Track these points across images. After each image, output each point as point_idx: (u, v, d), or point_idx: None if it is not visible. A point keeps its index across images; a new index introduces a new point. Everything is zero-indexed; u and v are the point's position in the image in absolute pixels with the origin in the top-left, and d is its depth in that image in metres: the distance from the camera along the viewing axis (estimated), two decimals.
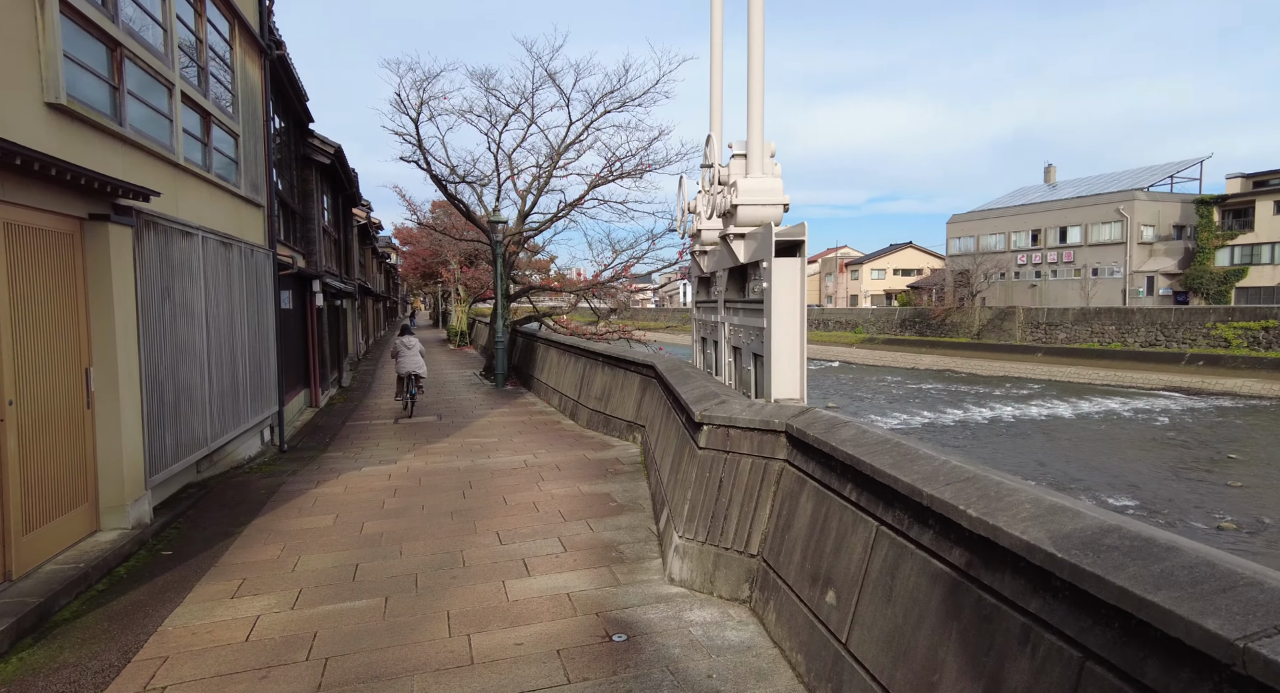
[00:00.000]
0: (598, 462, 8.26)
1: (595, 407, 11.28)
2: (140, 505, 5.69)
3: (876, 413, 26.23)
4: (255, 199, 9.70)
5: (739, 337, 6.35)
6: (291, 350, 13.13)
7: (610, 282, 22.53)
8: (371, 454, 9.57)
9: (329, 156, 15.25)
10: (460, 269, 35.99)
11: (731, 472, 4.46)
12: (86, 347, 5.32)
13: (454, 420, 12.71)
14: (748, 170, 5.66)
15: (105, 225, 5.35)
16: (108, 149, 5.59)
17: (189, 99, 7.34)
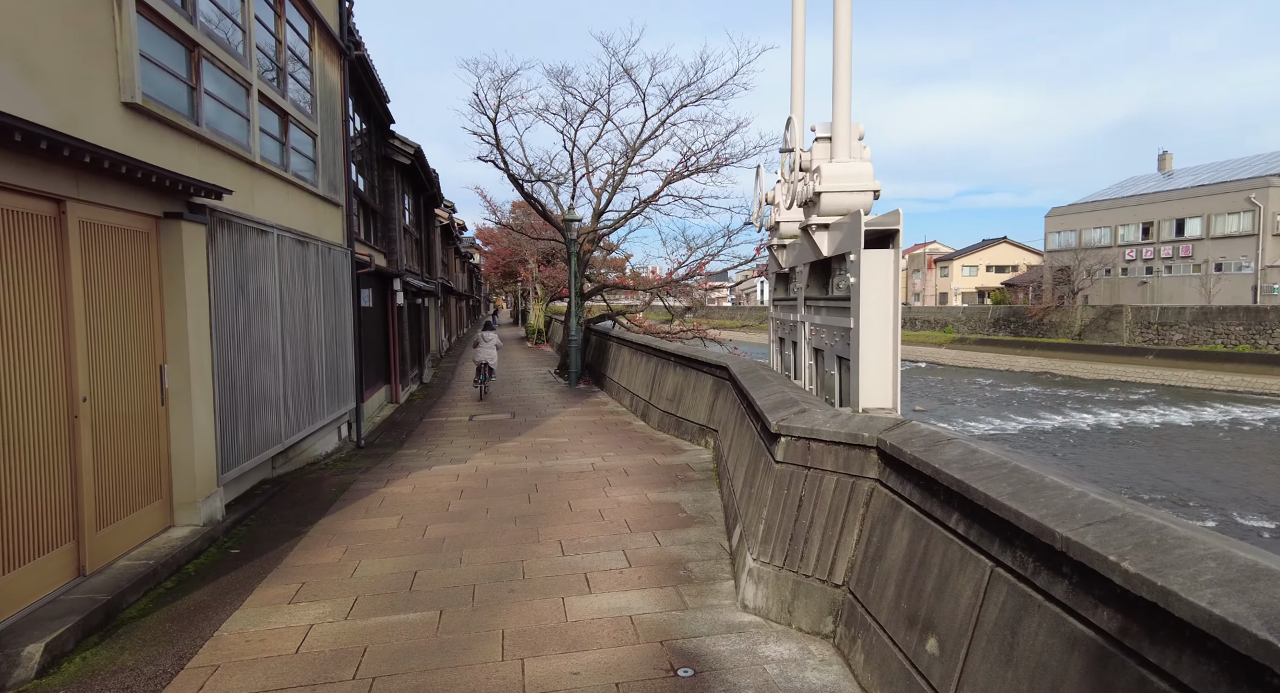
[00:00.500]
0: (667, 467, 7.89)
1: (666, 408, 10.92)
2: (212, 502, 5.72)
3: (967, 417, 24.78)
4: (333, 198, 9.83)
5: (821, 338, 5.84)
6: (372, 348, 13.39)
7: (684, 279, 22.12)
8: (444, 452, 9.54)
9: (409, 157, 15.50)
10: (538, 268, 36.41)
11: (813, 490, 4.00)
12: (161, 344, 5.37)
13: (526, 419, 12.64)
14: (833, 154, 5.16)
15: (179, 223, 5.39)
16: (183, 148, 5.63)
17: (266, 99, 7.43)
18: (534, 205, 19.64)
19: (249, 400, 6.61)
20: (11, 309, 3.89)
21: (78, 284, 4.40)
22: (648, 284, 23.01)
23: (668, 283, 21.98)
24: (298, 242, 8.12)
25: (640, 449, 9.14)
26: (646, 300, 24.84)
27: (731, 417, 7.26)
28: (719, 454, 7.71)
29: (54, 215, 4.26)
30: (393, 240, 15.42)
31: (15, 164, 3.80)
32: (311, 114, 9.01)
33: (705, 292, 24.72)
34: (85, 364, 4.47)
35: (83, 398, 4.43)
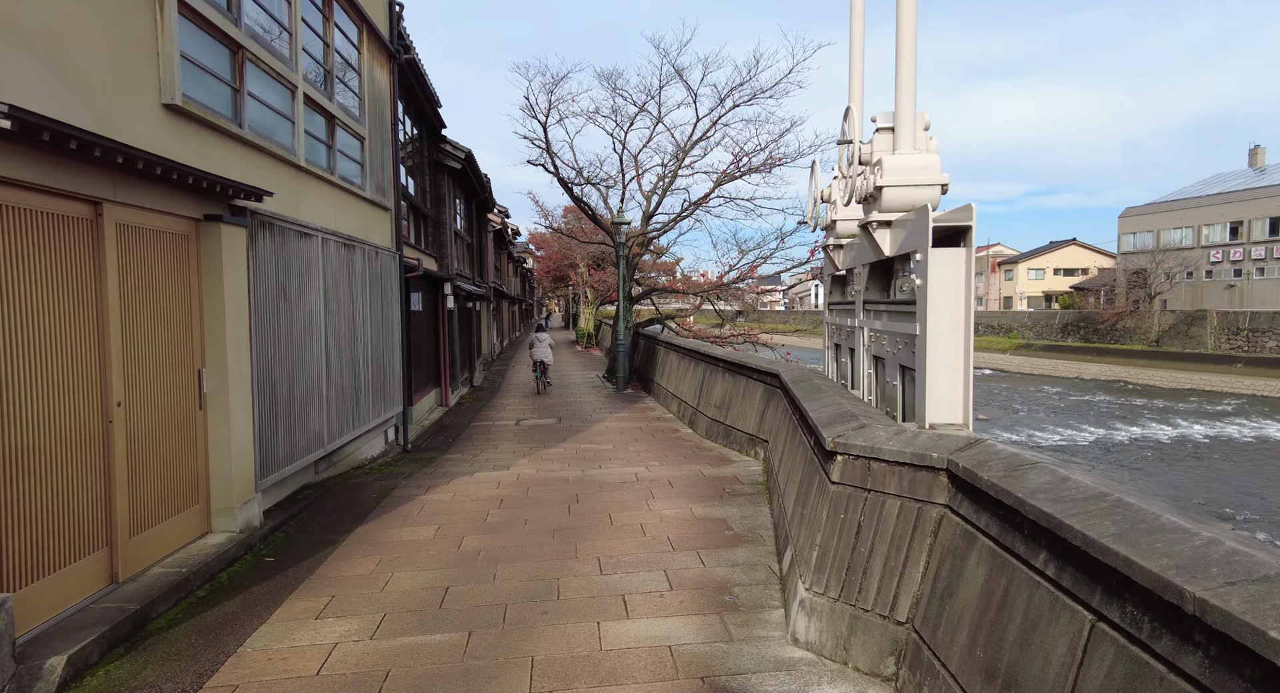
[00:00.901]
0: (714, 479, 7.54)
1: (715, 416, 10.55)
2: (249, 509, 5.65)
3: (1034, 427, 23.57)
4: (381, 202, 9.83)
5: (881, 345, 5.41)
6: (422, 351, 13.43)
7: (735, 283, 21.66)
8: (488, 458, 9.41)
9: (459, 161, 15.56)
10: (588, 272, 36.42)
11: (873, 515, 3.61)
12: (200, 348, 5.32)
13: (572, 424, 12.45)
14: (895, 145, 4.75)
15: (218, 226, 5.33)
16: (225, 150, 5.59)
17: (313, 102, 7.41)
18: (583, 209, 19.53)
19: (290, 405, 6.55)
20: (45, 312, 3.84)
21: (113, 287, 4.35)
22: (697, 288, 22.63)
23: (718, 286, 21.57)
24: (343, 245, 8.09)
25: (686, 459, 8.81)
26: (696, 304, 24.47)
27: (783, 428, 6.87)
28: (769, 467, 7.32)
29: (90, 217, 4.21)
30: (443, 245, 15.48)
31: (48, 165, 3.75)
32: (359, 117, 9.00)
33: (757, 295, 24.20)
34: (120, 369, 4.41)
35: (117, 403, 4.37)
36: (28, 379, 3.72)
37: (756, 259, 20.42)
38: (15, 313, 3.65)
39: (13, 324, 3.64)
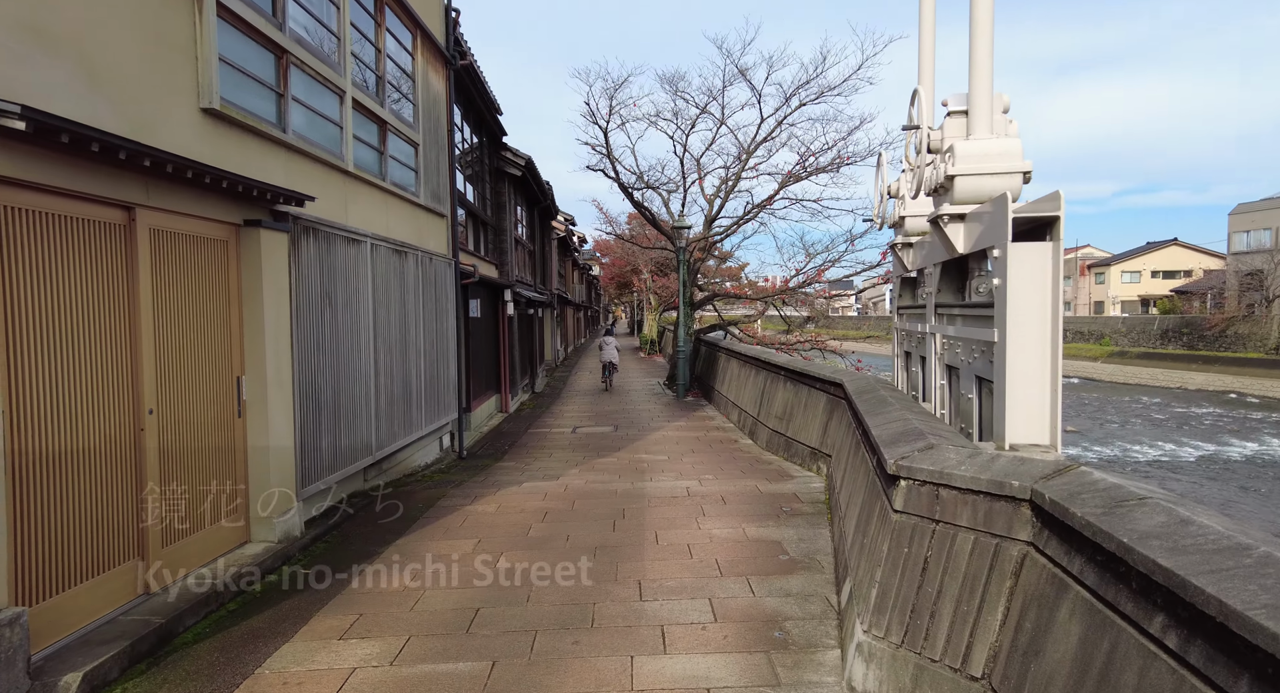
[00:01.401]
0: (771, 496, 7.06)
1: (775, 427, 10.03)
2: (289, 519, 5.57)
3: (1129, 441, 21.81)
4: (436, 208, 9.80)
5: (955, 353, 4.87)
6: (480, 358, 13.42)
7: (801, 287, 20.95)
8: (539, 467, 9.20)
9: (520, 168, 15.57)
10: (652, 278, 36.21)
11: (942, 551, 3.12)
12: (239, 355, 5.26)
13: (628, 432, 12.15)
14: (969, 130, 4.23)
15: (258, 231, 5.28)
16: (267, 155, 5.55)
17: (362, 107, 7.38)
18: (643, 213, 19.29)
19: (335, 413, 6.48)
20: (73, 318, 3.79)
21: (146, 293, 4.30)
22: (762, 293, 22.01)
23: (783, 291, 20.90)
24: (395, 251, 8.05)
25: (743, 473, 8.34)
26: (761, 310, 23.83)
27: (846, 443, 6.35)
28: (831, 484, 6.79)
29: (123, 222, 4.17)
30: (504, 251, 15.50)
31: (74, 169, 3.69)
32: (413, 124, 8.99)
33: (827, 300, 23.37)
34: (153, 376, 4.35)
35: (149, 410, 4.31)
36: (53, 385, 3.66)
37: (824, 262, 19.69)
38: (41, 318, 3.60)
39: (38, 329, 3.58)
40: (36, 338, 3.58)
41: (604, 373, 19.73)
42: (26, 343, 3.52)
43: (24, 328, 3.51)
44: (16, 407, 3.47)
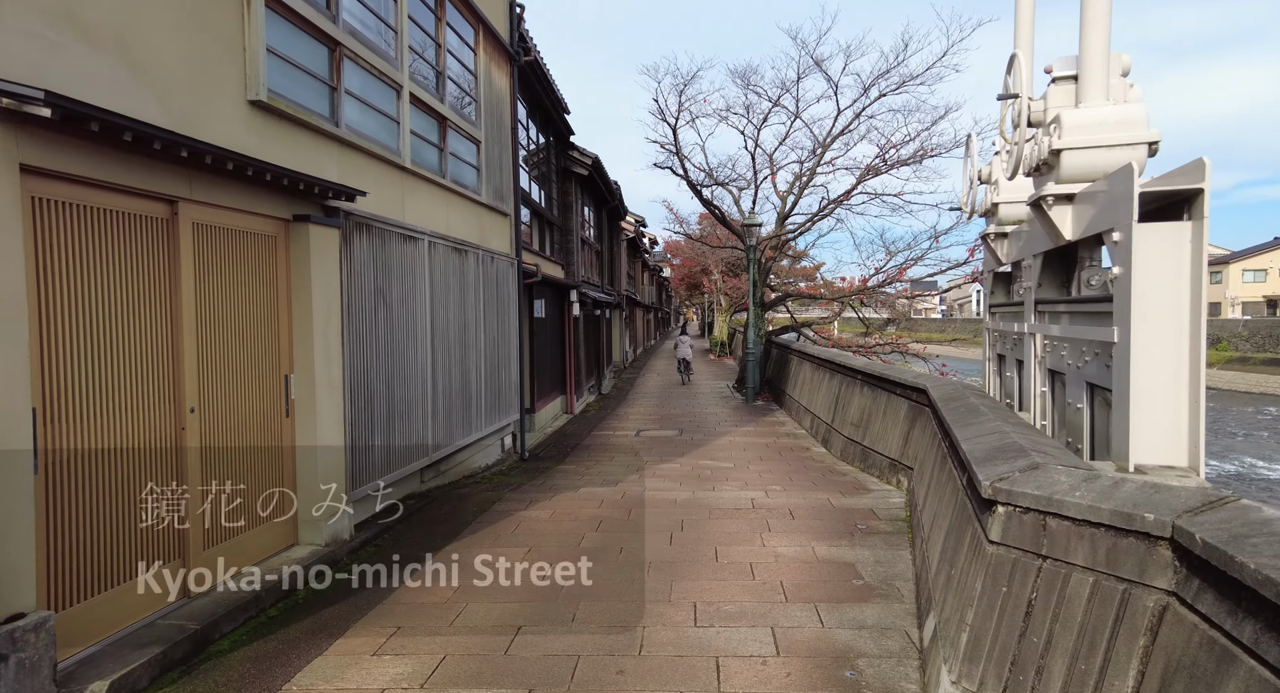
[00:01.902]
0: (845, 512, 6.49)
1: (851, 434, 9.39)
2: (337, 522, 5.44)
3: (1257, 455, 19.75)
4: (499, 207, 9.66)
5: (1060, 356, 4.23)
6: (545, 358, 13.29)
7: (881, 287, 19.97)
8: (599, 471, 8.90)
9: (586, 167, 15.39)
10: (722, 279, 35.58)
11: (1051, 594, 2.58)
12: (288, 353, 5.16)
13: (693, 437, 11.72)
14: (1080, 96, 3.62)
15: (307, 226, 5.16)
16: (319, 149, 5.44)
17: (421, 103, 7.26)
18: (712, 211, 18.80)
19: (388, 413, 6.35)
20: (111, 313, 3.70)
21: (188, 289, 4.20)
22: (838, 293, 21.11)
23: (861, 291, 19.97)
24: (454, 249, 7.91)
25: (814, 484, 7.78)
26: (837, 311, 22.91)
27: (930, 455, 5.74)
28: (913, 500, 6.18)
29: (165, 216, 4.08)
30: (570, 252, 15.36)
31: (109, 161, 3.59)
32: (475, 120, 8.86)
33: (909, 301, 22.21)
34: (195, 374, 4.26)
35: (190, 409, 4.22)
36: (89, 383, 3.57)
37: (906, 261, 18.69)
38: (76, 314, 3.51)
39: (73, 325, 3.50)
40: (71, 334, 3.49)
41: (679, 368, 21.83)
42: (61, 339, 3.44)
43: (58, 324, 3.43)
44: (51, 404, 3.39)
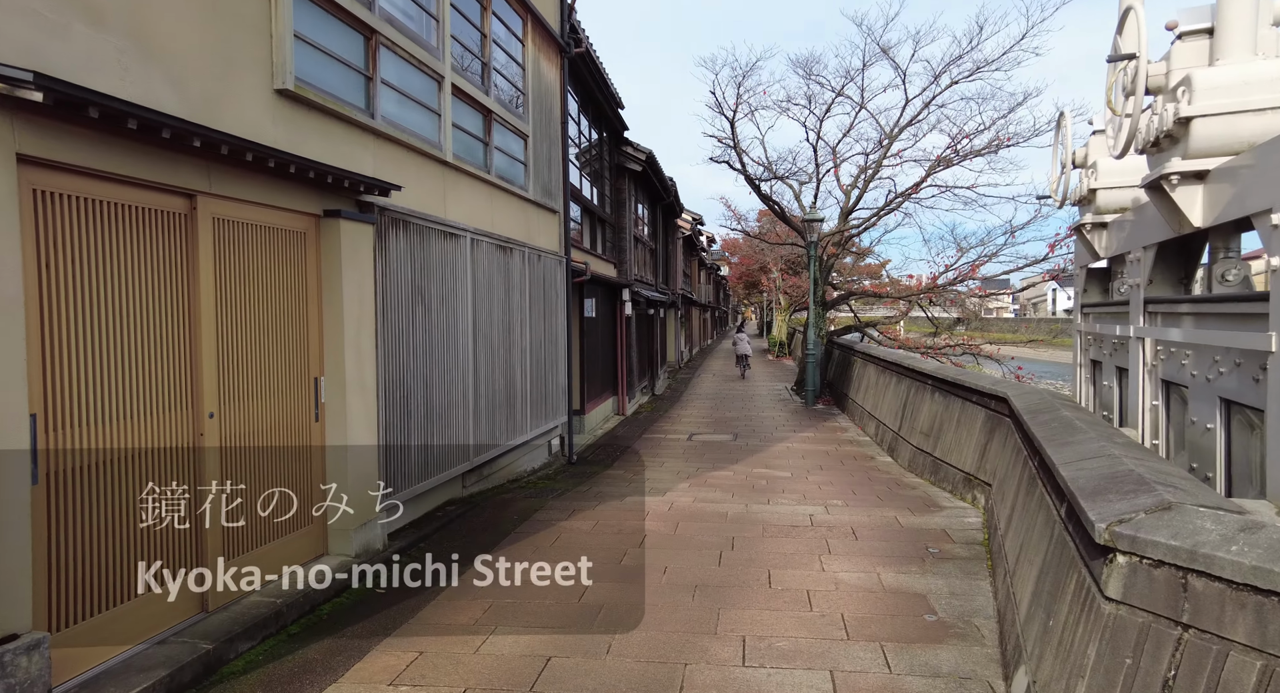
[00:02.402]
0: (915, 532, 5.90)
1: (920, 444, 8.71)
2: (368, 531, 5.20)
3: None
4: (547, 204, 9.37)
5: (1179, 364, 3.59)
6: (595, 359, 12.99)
7: (951, 285, 18.93)
8: (648, 478, 8.51)
9: (640, 163, 15.01)
10: (781, 277, 34.70)
11: (1198, 675, 2.03)
12: (318, 354, 4.94)
13: (749, 442, 11.20)
14: (1217, 52, 2.99)
15: (338, 222, 4.92)
16: (352, 141, 5.21)
17: (464, 95, 7.00)
18: (771, 207, 18.16)
19: (425, 416, 6.10)
20: (121, 314, 3.50)
21: (207, 287, 3.99)
22: (905, 291, 20.14)
23: (929, 289, 18.99)
24: (499, 247, 7.64)
25: (880, 499, 7.18)
26: (904, 310, 21.91)
27: (1012, 473, 5.11)
28: (992, 522, 5.55)
29: (183, 211, 3.88)
30: (622, 250, 15.02)
31: (116, 151, 3.38)
32: (522, 114, 8.58)
33: (980, 300, 21.02)
34: (214, 377, 4.05)
35: (209, 414, 4.01)
36: (96, 385, 3.38)
37: (979, 258, 17.68)
38: (83, 312, 3.32)
39: (80, 325, 3.30)
40: (77, 335, 3.30)
41: (738, 362, 23.56)
42: (65, 340, 3.24)
43: (63, 323, 3.23)
44: (53, 409, 3.20)
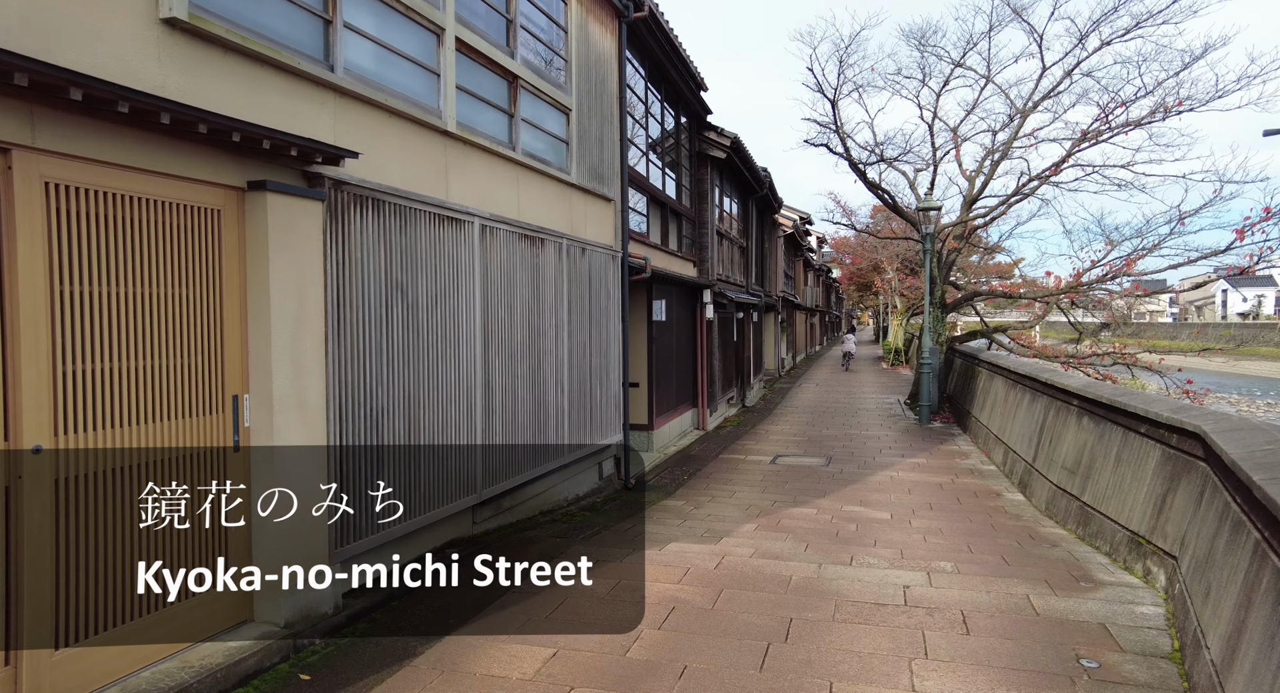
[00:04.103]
0: (1056, 624, 4.08)
1: (1062, 482, 6.71)
2: (312, 593, 4.08)
3: None
4: (597, 190, 8.12)
5: None
6: (669, 368, 11.63)
7: (1100, 283, 16.01)
8: (706, 515, 7.06)
9: (724, 149, 13.51)
10: (897, 278, 31.86)
11: None
12: (240, 366, 3.88)
13: (844, 469, 9.44)
14: None
15: (264, 196, 3.85)
16: (300, 97, 4.14)
17: (477, 53, 5.86)
18: (879, 195, 16.07)
19: (408, 441, 4.97)
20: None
21: (32, 274, 2.97)
22: (1041, 292, 17.33)
23: (1073, 288, 16.14)
24: (524, 237, 6.45)
25: (1007, 560, 5.35)
26: (1040, 313, 19.01)
27: (1222, 545, 3.28)
28: (1183, 616, 3.67)
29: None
30: (704, 247, 13.57)
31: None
32: (563, 84, 7.38)
33: (1134, 300, 17.83)
34: (46, 397, 3.03)
35: (33, 449, 2.99)
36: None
37: (1135, 251, 14.75)
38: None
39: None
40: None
41: (843, 358, 27.01)
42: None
43: None
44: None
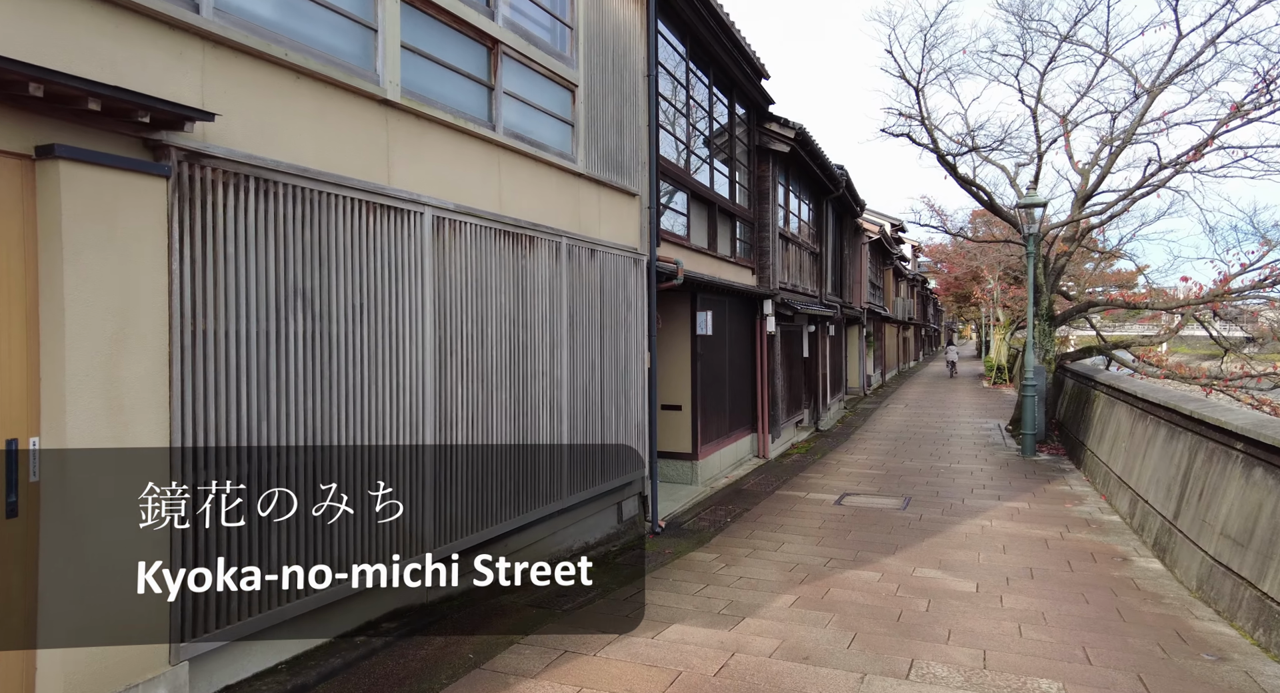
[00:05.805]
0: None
1: (1224, 557, 4.85)
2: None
3: None
4: (613, 182, 6.91)
5: None
6: (719, 389, 10.23)
7: (1249, 291, 13.35)
8: (735, 578, 5.66)
9: (788, 142, 12.01)
10: (999, 287, 28.93)
11: None
12: (23, 399, 2.86)
13: (924, 514, 7.76)
14: None
15: (54, 166, 2.84)
16: (145, 42, 3.14)
17: (443, 10, 4.79)
18: (971, 191, 14.08)
19: (308, 489, 3.85)
20: None
21: None
22: (1172, 302, 14.69)
23: (1213, 297, 13.55)
24: (504, 233, 5.31)
25: (1149, 686, 3.66)
26: (1173, 327, 16.30)
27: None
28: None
29: None
30: (765, 252, 12.10)
31: None
32: (566, 55, 6.23)
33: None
34: None
35: None
36: None
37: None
38: None
39: None
40: None
41: (948, 365, 30.29)
42: None
43: None
44: None
